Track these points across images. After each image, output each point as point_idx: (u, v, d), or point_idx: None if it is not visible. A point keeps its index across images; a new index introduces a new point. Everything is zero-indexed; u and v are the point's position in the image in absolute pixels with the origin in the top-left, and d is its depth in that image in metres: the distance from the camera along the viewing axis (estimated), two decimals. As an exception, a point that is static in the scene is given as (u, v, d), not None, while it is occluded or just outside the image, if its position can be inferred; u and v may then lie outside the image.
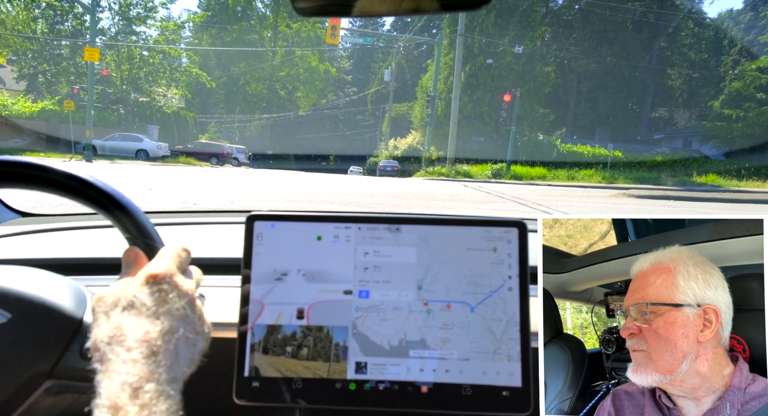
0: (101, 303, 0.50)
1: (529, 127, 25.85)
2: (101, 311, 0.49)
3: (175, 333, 0.48)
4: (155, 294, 0.49)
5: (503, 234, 0.68)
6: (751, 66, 25.47)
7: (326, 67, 40.71)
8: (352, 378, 0.64)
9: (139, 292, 0.49)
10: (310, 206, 6.15)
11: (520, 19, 25.35)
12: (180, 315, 0.50)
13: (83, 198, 0.58)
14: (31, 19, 25.24)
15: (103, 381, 0.43)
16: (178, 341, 0.48)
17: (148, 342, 0.45)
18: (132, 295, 0.49)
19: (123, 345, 0.45)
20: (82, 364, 0.58)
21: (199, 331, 0.52)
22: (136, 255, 0.56)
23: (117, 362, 0.44)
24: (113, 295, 0.50)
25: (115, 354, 0.44)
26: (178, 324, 0.49)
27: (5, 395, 0.57)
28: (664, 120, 39.12)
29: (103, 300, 0.50)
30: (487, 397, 0.64)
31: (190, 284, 0.54)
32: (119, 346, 0.45)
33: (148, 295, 0.49)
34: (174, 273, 0.52)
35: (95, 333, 0.47)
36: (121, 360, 0.44)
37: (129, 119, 26.67)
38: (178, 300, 0.50)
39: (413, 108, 31.83)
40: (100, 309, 0.49)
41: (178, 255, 0.56)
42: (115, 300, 0.49)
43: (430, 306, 0.66)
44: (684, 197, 11.75)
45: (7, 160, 0.55)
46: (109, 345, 0.45)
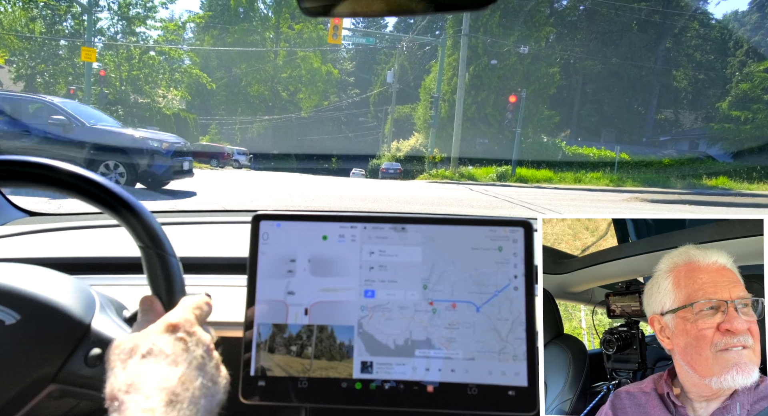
0: (118, 350, 0.49)
1: (534, 128, 25.61)
2: (118, 359, 0.48)
3: (194, 381, 0.47)
4: (175, 343, 0.49)
5: (509, 233, 0.68)
6: (759, 67, 25.20)
7: (328, 68, 40.47)
8: (357, 378, 0.64)
9: (158, 340, 0.48)
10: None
11: (524, 20, 25.10)
12: (198, 364, 0.49)
13: (90, 198, 0.57)
14: (29, 19, 25.04)
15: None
16: (197, 390, 0.47)
17: (168, 390, 0.44)
18: (151, 343, 0.48)
19: (141, 393, 0.43)
20: (86, 371, 0.58)
21: (217, 381, 0.50)
22: (152, 303, 0.56)
23: (136, 411, 0.42)
24: (130, 343, 0.49)
25: (134, 402, 0.42)
26: (197, 373, 0.48)
27: (10, 395, 0.56)
28: (670, 121, 38.83)
29: (120, 347, 0.49)
30: (493, 397, 0.64)
31: (207, 336, 0.53)
32: (137, 394, 0.43)
33: (167, 343, 0.48)
34: (193, 323, 0.52)
35: (111, 382, 0.46)
36: (141, 408, 0.42)
37: (128, 120, 26.44)
38: (197, 349, 0.50)
39: (416, 109, 31.70)
40: (116, 357, 0.48)
41: (200, 307, 0.55)
42: (132, 348, 0.48)
43: (436, 306, 0.66)
44: (699, 201, 11.40)
45: (14, 160, 0.55)
46: (127, 394, 0.43)
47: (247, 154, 29.39)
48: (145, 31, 28.05)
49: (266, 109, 39.00)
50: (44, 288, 0.61)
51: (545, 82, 25.58)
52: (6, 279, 0.61)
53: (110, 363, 0.48)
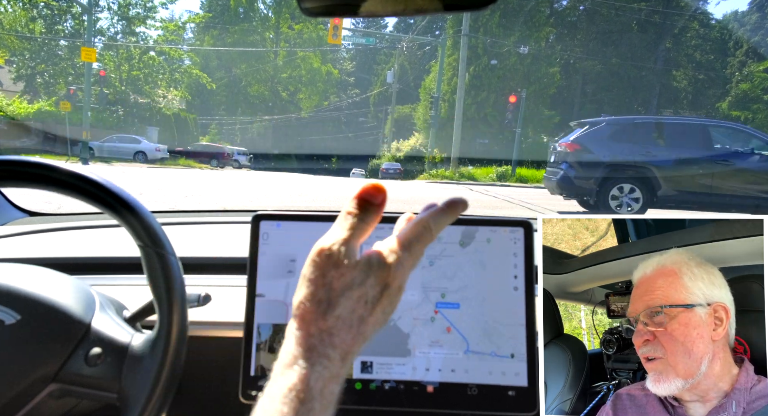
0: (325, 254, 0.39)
1: (534, 128, 25.61)
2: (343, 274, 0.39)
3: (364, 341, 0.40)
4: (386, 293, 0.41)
5: (509, 233, 0.68)
6: (759, 67, 25.27)
7: (328, 68, 40.42)
8: (357, 378, 0.64)
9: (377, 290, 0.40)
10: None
11: (524, 20, 25.10)
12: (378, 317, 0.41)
13: (90, 198, 0.57)
14: (29, 19, 25.03)
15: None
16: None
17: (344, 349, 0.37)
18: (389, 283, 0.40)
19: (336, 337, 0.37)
20: (86, 371, 0.58)
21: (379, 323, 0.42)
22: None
23: (329, 345, 0.36)
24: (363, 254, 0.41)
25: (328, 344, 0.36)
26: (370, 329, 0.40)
27: (11, 395, 0.56)
28: (670, 122, 38.76)
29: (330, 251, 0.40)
30: (493, 397, 0.64)
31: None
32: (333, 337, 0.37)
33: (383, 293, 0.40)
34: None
35: (318, 300, 0.38)
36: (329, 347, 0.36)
37: (128, 120, 26.45)
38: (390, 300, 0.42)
39: (416, 109, 31.69)
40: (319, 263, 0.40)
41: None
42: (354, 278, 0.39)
43: (436, 306, 0.66)
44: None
45: (14, 160, 0.55)
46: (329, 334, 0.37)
47: (247, 154, 29.37)
48: (145, 31, 28.10)
49: (266, 109, 38.96)
50: (44, 288, 0.61)
51: (545, 82, 25.59)
52: (6, 279, 0.61)
53: (322, 269, 0.39)
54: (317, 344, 0.36)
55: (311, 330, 0.36)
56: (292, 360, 0.35)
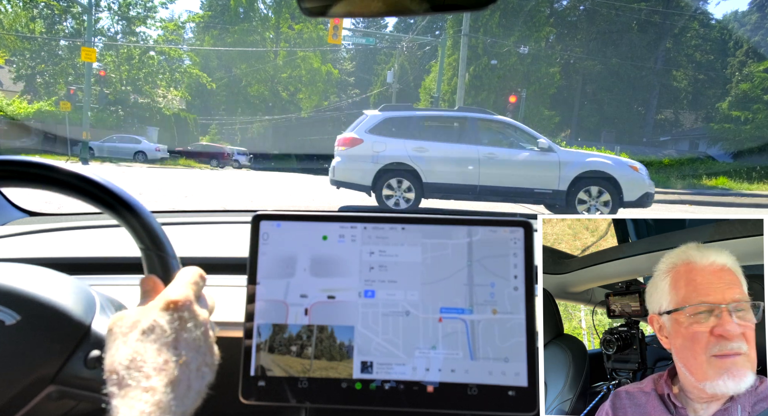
0: (120, 323, 0.49)
1: (534, 128, 25.53)
2: (120, 332, 0.48)
3: (190, 364, 0.48)
4: (175, 322, 0.49)
5: (509, 233, 0.67)
6: (759, 67, 25.18)
7: (328, 68, 40.38)
8: (357, 378, 0.64)
9: (159, 317, 0.49)
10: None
11: (524, 20, 25.10)
12: (195, 346, 0.49)
13: (90, 198, 0.57)
14: (30, 19, 25.03)
15: (121, 408, 0.42)
16: (191, 373, 0.48)
17: (167, 372, 0.45)
18: (152, 320, 0.48)
19: (142, 372, 0.44)
20: (85, 373, 0.58)
21: (209, 363, 0.51)
22: (154, 285, 0.55)
23: (136, 389, 0.43)
24: (132, 317, 0.49)
25: (135, 380, 0.43)
26: (193, 355, 0.49)
27: (9, 396, 0.56)
28: (670, 122, 38.76)
29: (122, 320, 0.49)
30: (493, 397, 0.64)
31: (205, 313, 0.53)
32: (138, 372, 0.44)
33: (167, 322, 0.49)
34: (192, 300, 0.52)
35: (113, 355, 0.46)
36: (141, 387, 0.43)
37: (128, 121, 26.45)
38: (195, 330, 0.50)
39: (416, 109, 31.55)
40: (118, 330, 0.48)
41: (196, 282, 0.54)
42: (134, 323, 0.48)
43: (436, 306, 0.66)
44: (699, 202, 11.38)
45: (14, 160, 0.55)
46: (128, 370, 0.44)
47: (247, 154, 29.35)
48: (145, 31, 28.11)
49: (266, 109, 38.93)
50: (44, 288, 0.61)
51: (545, 82, 25.59)
52: (6, 279, 0.60)
53: (111, 336, 0.48)
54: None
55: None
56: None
